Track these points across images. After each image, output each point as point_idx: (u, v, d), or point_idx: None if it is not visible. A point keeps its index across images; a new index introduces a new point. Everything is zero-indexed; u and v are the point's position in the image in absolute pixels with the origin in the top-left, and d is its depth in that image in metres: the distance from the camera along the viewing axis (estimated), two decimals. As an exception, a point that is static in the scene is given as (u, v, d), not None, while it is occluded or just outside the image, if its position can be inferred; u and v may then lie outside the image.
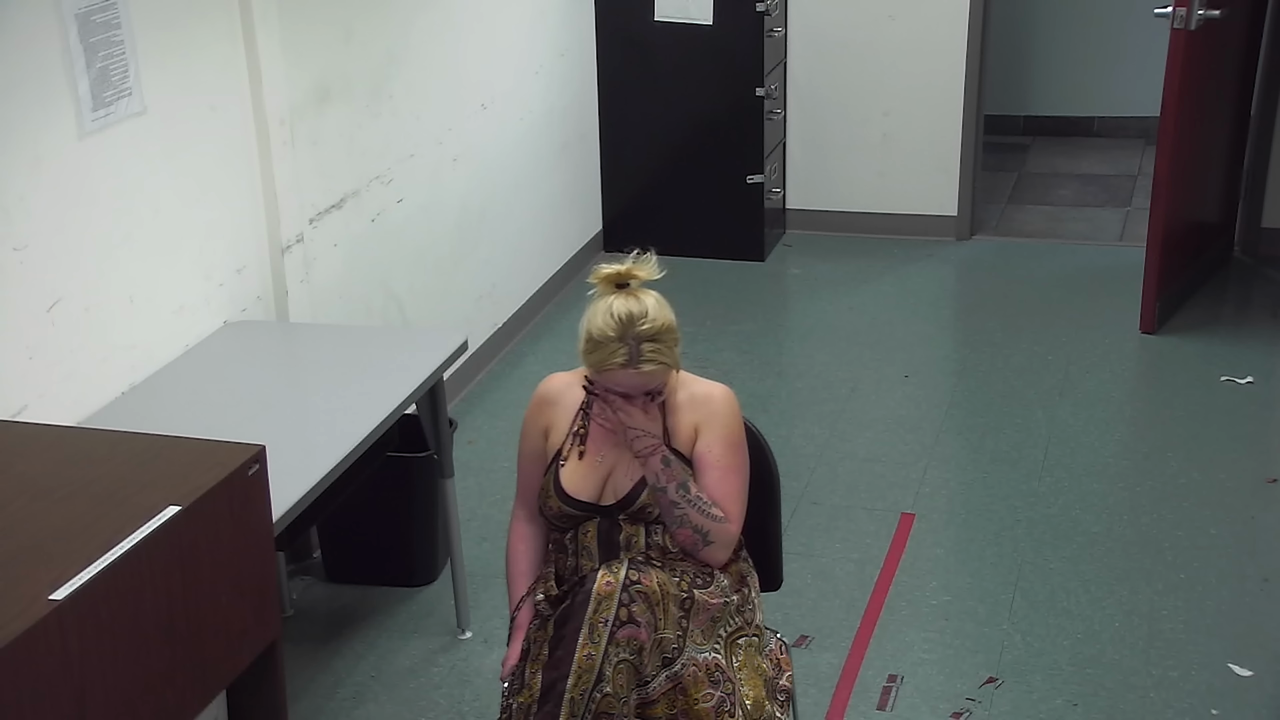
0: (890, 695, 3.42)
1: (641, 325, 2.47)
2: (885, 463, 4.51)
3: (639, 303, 2.49)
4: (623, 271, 2.54)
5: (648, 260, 2.56)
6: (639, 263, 2.56)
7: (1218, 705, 3.34)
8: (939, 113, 6.26)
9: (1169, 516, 4.15)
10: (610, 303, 2.50)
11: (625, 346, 2.46)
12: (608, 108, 6.18)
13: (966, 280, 6.12)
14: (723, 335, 5.47)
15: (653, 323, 2.48)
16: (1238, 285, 5.92)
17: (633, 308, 2.48)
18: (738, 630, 2.62)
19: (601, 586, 2.45)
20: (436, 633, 3.71)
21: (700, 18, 5.94)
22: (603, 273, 2.53)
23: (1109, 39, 7.62)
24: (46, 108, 2.95)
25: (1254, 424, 4.71)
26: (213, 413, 3.11)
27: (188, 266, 3.47)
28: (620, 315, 2.47)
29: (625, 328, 2.47)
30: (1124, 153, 7.54)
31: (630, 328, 2.47)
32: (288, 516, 2.75)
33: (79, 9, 2.98)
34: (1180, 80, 5.02)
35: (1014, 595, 3.80)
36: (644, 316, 2.48)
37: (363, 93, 4.19)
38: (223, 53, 3.53)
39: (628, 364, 2.47)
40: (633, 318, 2.47)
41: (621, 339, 2.47)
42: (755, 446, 2.72)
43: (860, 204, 6.48)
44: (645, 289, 2.54)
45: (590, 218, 6.18)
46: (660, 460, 2.57)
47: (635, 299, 2.50)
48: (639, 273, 2.54)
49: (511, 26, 5.23)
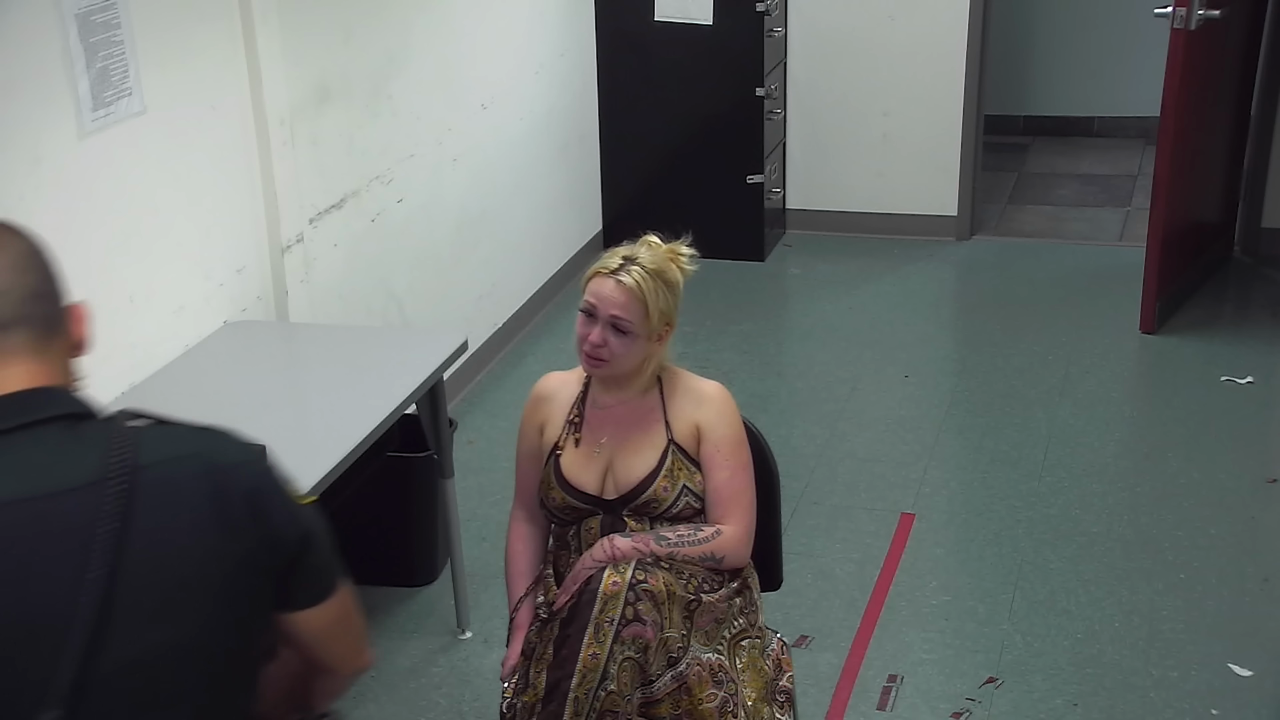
0: (890, 695, 3.42)
1: (645, 259, 2.59)
2: (885, 463, 4.51)
3: (655, 255, 2.62)
4: (667, 247, 2.66)
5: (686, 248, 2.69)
6: (680, 244, 2.68)
7: (1218, 705, 3.34)
8: (939, 113, 6.26)
9: (1169, 516, 4.15)
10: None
11: (622, 261, 2.59)
12: (608, 108, 6.18)
13: (966, 280, 6.12)
14: (723, 335, 5.47)
15: (654, 264, 2.59)
16: (1238, 285, 5.92)
17: (646, 252, 2.62)
18: (741, 632, 2.63)
19: (608, 586, 2.45)
20: (436, 633, 3.71)
21: (700, 18, 5.94)
22: (650, 237, 2.67)
23: (1109, 39, 7.62)
24: (46, 108, 2.95)
25: (1254, 424, 4.71)
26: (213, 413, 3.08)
27: (188, 266, 3.47)
28: (636, 247, 2.62)
29: (631, 253, 2.61)
30: (1124, 153, 7.54)
31: (635, 256, 2.60)
32: (288, 516, 2.74)
33: (79, 9, 2.98)
34: (1180, 80, 5.02)
35: (1014, 595, 3.80)
36: (652, 261, 2.60)
37: (362, 93, 4.19)
38: (223, 53, 3.53)
39: (613, 272, 2.57)
40: (640, 256, 2.60)
41: (623, 256, 2.60)
42: (755, 446, 2.72)
43: (860, 204, 6.48)
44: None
45: (590, 218, 6.18)
46: (625, 546, 2.55)
47: (654, 253, 2.63)
48: (682, 250, 2.67)
49: (511, 26, 5.23)
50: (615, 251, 2.62)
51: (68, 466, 1.55)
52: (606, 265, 2.59)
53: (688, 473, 2.62)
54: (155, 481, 1.58)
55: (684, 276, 2.64)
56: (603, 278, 2.57)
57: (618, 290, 2.55)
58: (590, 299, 2.58)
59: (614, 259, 2.59)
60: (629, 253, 2.60)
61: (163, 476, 1.59)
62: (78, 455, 1.57)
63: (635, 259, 2.58)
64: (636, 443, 2.64)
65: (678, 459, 2.62)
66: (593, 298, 2.58)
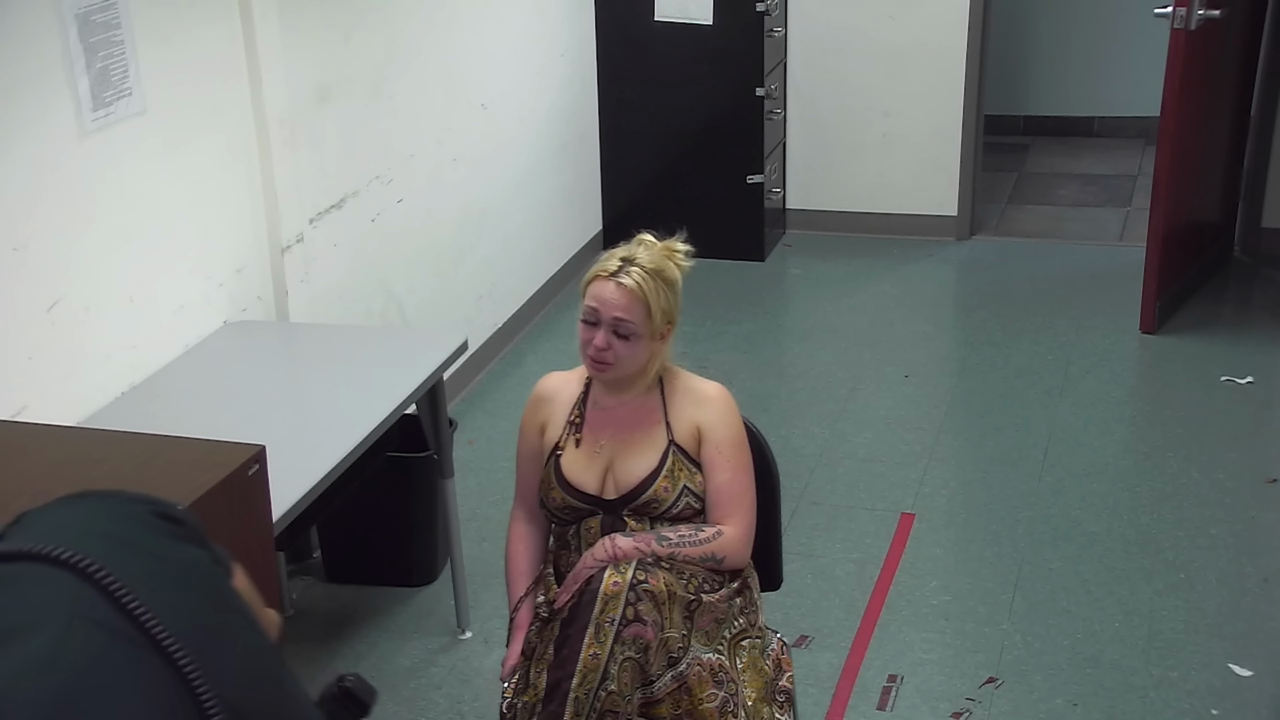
0: (890, 695, 3.42)
1: (643, 259, 2.59)
2: (885, 463, 4.51)
3: (653, 254, 2.61)
4: (662, 245, 2.66)
5: (682, 245, 2.67)
6: (675, 241, 2.67)
7: (1218, 705, 3.34)
8: (939, 113, 6.26)
9: (1169, 516, 4.15)
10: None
11: (620, 263, 2.57)
12: (608, 108, 6.18)
13: (966, 280, 6.12)
14: (723, 335, 5.46)
15: (652, 263, 2.59)
16: (1238, 285, 5.92)
17: (643, 252, 2.61)
18: (741, 632, 2.63)
19: (609, 586, 2.45)
20: (436, 633, 3.71)
21: (700, 18, 5.94)
22: (645, 236, 2.66)
23: (1109, 39, 7.62)
24: (46, 108, 2.95)
25: (1254, 424, 4.71)
26: (213, 413, 3.11)
27: (188, 266, 3.47)
28: (632, 247, 2.62)
29: (631, 253, 2.60)
30: (1124, 153, 7.54)
31: (633, 257, 2.59)
32: (288, 516, 2.75)
33: (79, 9, 2.98)
34: (1180, 80, 5.02)
35: (1014, 595, 3.80)
36: (650, 260, 2.60)
37: (362, 93, 4.19)
38: (223, 53, 3.53)
39: (612, 275, 2.56)
40: (638, 256, 2.60)
41: (621, 258, 2.59)
42: (755, 446, 2.72)
43: (860, 204, 6.48)
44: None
45: (590, 218, 6.18)
46: (627, 546, 2.55)
47: (651, 252, 2.62)
48: (678, 246, 2.66)
49: (511, 26, 5.23)
50: (612, 253, 2.61)
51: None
52: (605, 268, 2.58)
53: (688, 473, 2.62)
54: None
55: (681, 273, 2.64)
56: (602, 281, 2.57)
57: (619, 293, 2.55)
58: (592, 304, 2.57)
59: (612, 261, 2.59)
60: (626, 254, 2.60)
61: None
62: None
63: (634, 260, 2.58)
64: (637, 443, 2.64)
65: (678, 459, 2.62)
66: (594, 302, 2.57)
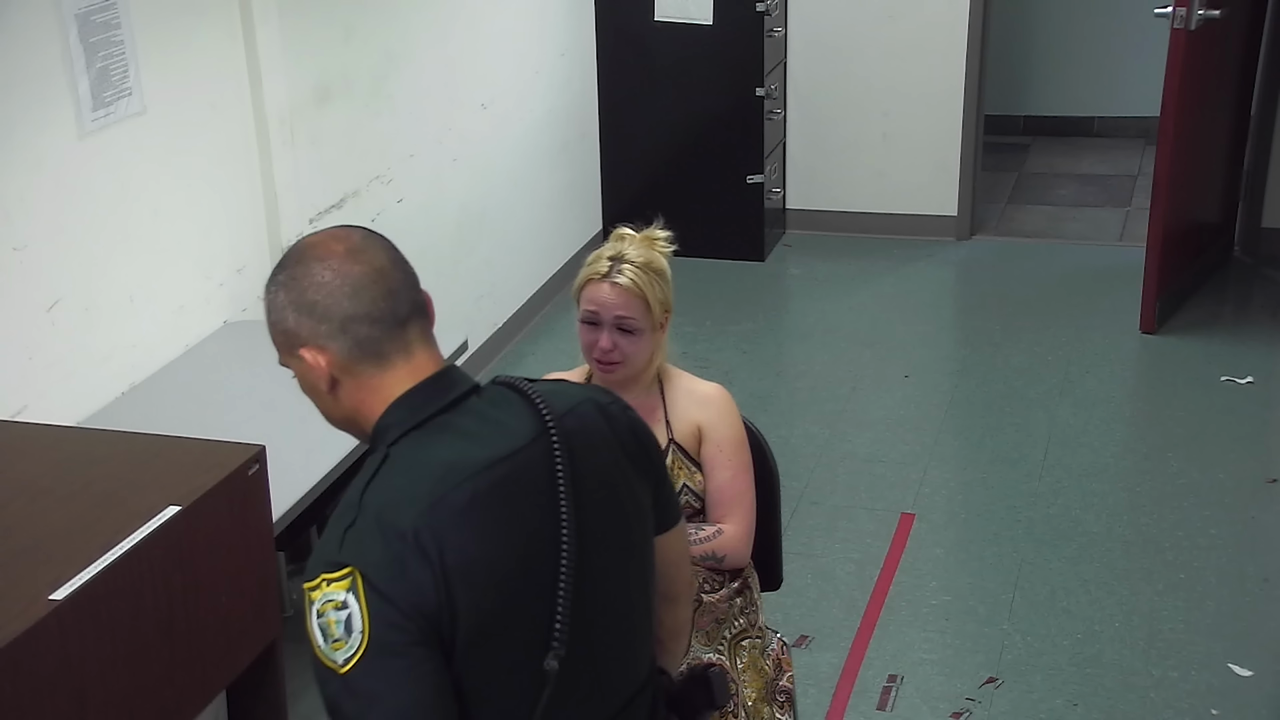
0: (890, 695, 3.42)
1: (631, 254, 2.56)
2: (885, 463, 4.51)
3: (638, 247, 2.59)
4: (642, 236, 2.62)
5: (661, 231, 2.65)
6: (654, 230, 2.64)
7: (1218, 705, 3.34)
8: (939, 113, 6.26)
9: (1169, 516, 4.15)
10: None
11: (610, 263, 2.55)
12: (608, 108, 6.18)
13: (966, 280, 6.12)
14: (723, 335, 5.47)
15: (641, 257, 2.56)
16: (1238, 285, 5.92)
17: (628, 247, 2.58)
18: (741, 632, 2.63)
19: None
20: (436, 633, 3.70)
21: (700, 18, 5.94)
22: (623, 230, 2.62)
23: (1109, 39, 7.62)
24: (46, 108, 2.95)
25: (1254, 424, 4.70)
26: (213, 413, 3.11)
27: (188, 266, 3.47)
28: (616, 244, 2.58)
29: (617, 251, 2.57)
30: (1124, 153, 7.53)
31: (621, 255, 2.56)
32: (288, 516, 2.75)
33: (79, 9, 2.98)
34: (1180, 80, 5.02)
35: (1014, 595, 3.80)
36: (638, 254, 2.57)
37: (363, 92, 4.19)
38: (223, 52, 3.53)
39: (606, 276, 2.53)
40: (625, 252, 2.57)
41: (609, 258, 2.56)
42: (755, 446, 2.71)
43: (860, 204, 6.48)
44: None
45: (590, 218, 6.18)
46: None
47: (636, 246, 2.59)
48: (657, 234, 2.63)
49: (511, 26, 5.23)
50: (598, 255, 2.59)
51: (511, 428, 1.68)
52: (597, 270, 2.57)
53: (688, 472, 2.62)
54: (574, 428, 1.71)
55: (666, 259, 2.62)
56: (597, 284, 2.55)
57: (616, 293, 2.54)
58: (590, 307, 2.56)
59: (600, 263, 2.57)
60: (613, 252, 2.58)
61: (576, 423, 1.72)
62: (509, 418, 1.69)
63: (622, 257, 2.56)
64: (637, 442, 2.63)
65: (678, 459, 2.61)
66: (593, 305, 2.56)
